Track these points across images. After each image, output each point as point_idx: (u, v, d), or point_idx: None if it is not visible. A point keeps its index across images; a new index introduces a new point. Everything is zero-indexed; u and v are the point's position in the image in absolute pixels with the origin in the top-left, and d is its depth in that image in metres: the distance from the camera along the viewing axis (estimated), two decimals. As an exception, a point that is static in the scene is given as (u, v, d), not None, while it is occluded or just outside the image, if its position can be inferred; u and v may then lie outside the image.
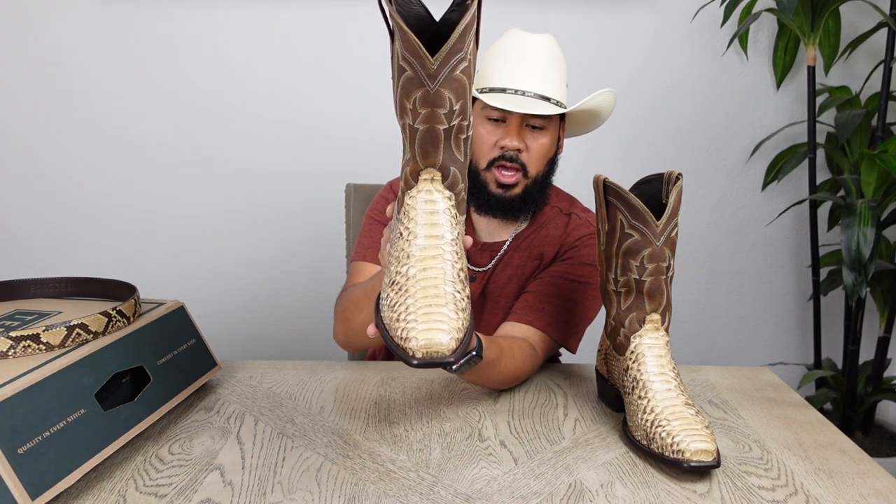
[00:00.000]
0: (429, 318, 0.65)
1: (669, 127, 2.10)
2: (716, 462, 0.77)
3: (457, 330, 0.66)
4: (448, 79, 0.66)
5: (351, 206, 1.49)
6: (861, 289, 1.63)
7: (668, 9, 2.02)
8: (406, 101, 0.67)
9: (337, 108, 2.06)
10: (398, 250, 0.70)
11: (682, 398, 0.83)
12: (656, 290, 0.86)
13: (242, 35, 2.02)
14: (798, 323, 2.23)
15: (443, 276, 0.68)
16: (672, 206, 0.84)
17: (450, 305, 0.66)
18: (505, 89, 1.08)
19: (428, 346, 0.64)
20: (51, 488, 0.68)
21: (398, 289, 0.68)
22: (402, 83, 0.67)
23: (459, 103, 0.68)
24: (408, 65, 0.65)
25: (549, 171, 1.16)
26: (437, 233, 0.69)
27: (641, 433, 0.82)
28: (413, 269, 0.68)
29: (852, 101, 1.95)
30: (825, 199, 1.91)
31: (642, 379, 0.84)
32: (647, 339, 0.86)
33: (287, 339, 2.20)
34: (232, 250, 2.15)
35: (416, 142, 0.69)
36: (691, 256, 2.18)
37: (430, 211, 0.69)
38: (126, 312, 0.90)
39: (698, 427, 0.79)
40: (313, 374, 1.10)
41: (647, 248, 0.85)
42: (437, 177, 0.70)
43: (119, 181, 2.10)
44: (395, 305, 0.68)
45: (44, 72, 2.03)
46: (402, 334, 0.66)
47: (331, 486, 0.77)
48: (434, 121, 0.67)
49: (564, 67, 1.12)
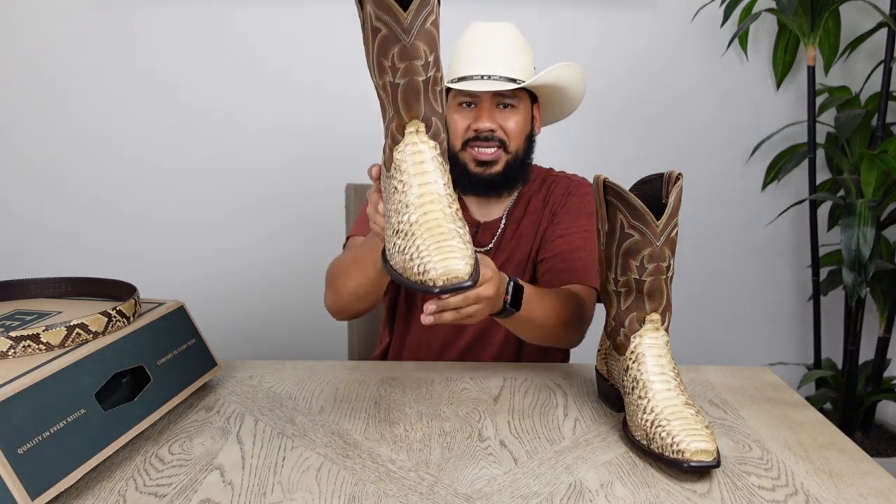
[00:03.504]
0: (440, 250, 0.69)
1: (669, 127, 2.10)
2: (716, 462, 0.77)
3: (469, 256, 0.70)
4: (421, 31, 0.70)
5: (351, 206, 1.49)
6: (861, 289, 1.62)
7: (668, 9, 2.02)
8: (384, 59, 0.71)
9: (337, 109, 2.06)
10: (395, 203, 0.74)
11: (682, 398, 0.83)
12: (656, 290, 0.86)
13: (242, 35, 2.02)
14: (798, 323, 2.23)
15: (443, 217, 0.71)
16: (672, 205, 0.83)
17: (456, 239, 0.70)
18: (472, 76, 1.13)
19: (446, 272, 0.68)
20: (51, 488, 0.68)
21: (404, 235, 0.72)
22: (378, 42, 0.70)
23: (433, 55, 0.72)
24: (382, 24, 0.69)
25: (529, 148, 1.21)
26: (430, 180, 0.73)
27: (641, 433, 0.82)
28: (414, 215, 0.72)
29: (852, 101, 1.95)
30: (825, 199, 1.91)
31: (642, 379, 0.84)
32: (648, 338, 0.86)
33: (287, 339, 2.20)
34: (232, 250, 2.15)
35: (399, 96, 0.72)
36: (691, 256, 2.18)
37: (419, 161, 0.73)
38: (126, 312, 0.90)
39: (698, 427, 0.79)
40: (313, 374, 1.10)
41: (648, 248, 0.84)
42: (421, 128, 0.73)
43: (119, 181, 2.10)
44: (404, 249, 0.72)
45: (44, 73, 2.03)
46: (420, 269, 0.69)
47: (331, 486, 0.77)
48: (413, 73, 0.71)
49: (530, 52, 1.18)
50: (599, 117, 2.09)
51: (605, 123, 2.09)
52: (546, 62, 1.98)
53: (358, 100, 2.05)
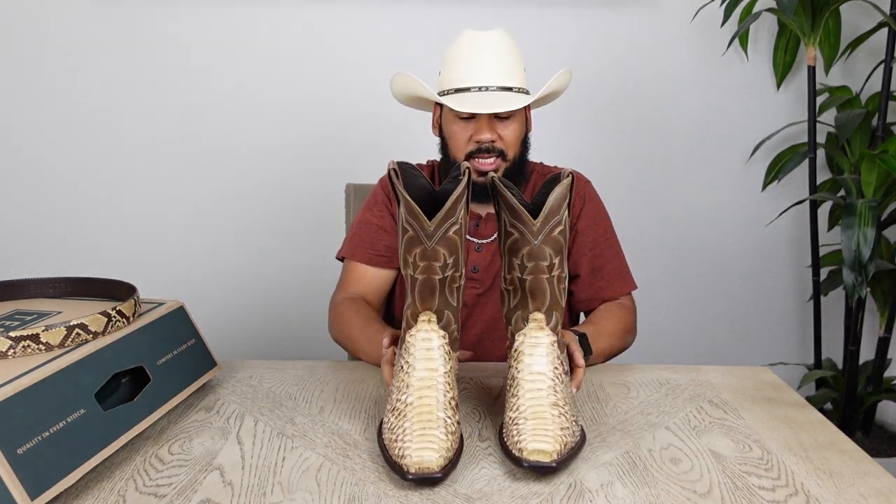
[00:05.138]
0: (423, 438, 0.76)
1: (669, 127, 2.10)
2: (554, 464, 0.76)
3: (446, 450, 0.76)
4: (443, 238, 0.80)
5: (351, 206, 1.49)
6: (861, 289, 1.62)
7: (668, 9, 2.02)
8: (408, 255, 0.82)
9: (337, 109, 2.06)
10: (399, 381, 0.82)
11: (551, 398, 0.81)
12: (538, 289, 0.85)
13: (243, 35, 2.02)
14: (798, 323, 2.23)
15: (436, 405, 0.79)
16: (551, 205, 0.83)
17: (440, 429, 0.77)
18: (469, 88, 1.15)
19: (420, 462, 0.74)
20: (51, 488, 0.68)
21: (398, 414, 0.80)
22: (405, 241, 0.82)
23: (452, 258, 0.82)
24: (410, 226, 0.81)
25: (524, 150, 1.25)
26: (433, 366, 0.81)
27: (505, 430, 0.82)
28: (411, 397, 0.80)
29: (852, 100, 1.95)
30: (825, 199, 1.91)
31: (517, 377, 0.83)
32: (530, 338, 0.85)
33: (287, 339, 2.20)
34: (232, 250, 2.15)
35: (416, 289, 0.82)
36: (691, 257, 2.18)
37: (427, 348, 0.81)
38: (126, 312, 0.90)
39: (550, 429, 0.78)
40: (313, 374, 1.10)
41: (526, 247, 0.84)
42: (433, 318, 0.82)
43: (119, 181, 2.10)
44: (394, 428, 0.79)
45: (43, 72, 2.03)
46: (399, 452, 0.76)
47: (331, 486, 0.77)
48: (431, 272, 0.81)
49: (520, 55, 1.20)
50: (599, 117, 2.09)
51: (604, 123, 2.09)
52: (546, 62, 2.00)
53: (359, 100, 2.05)
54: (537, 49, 2.01)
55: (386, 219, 1.27)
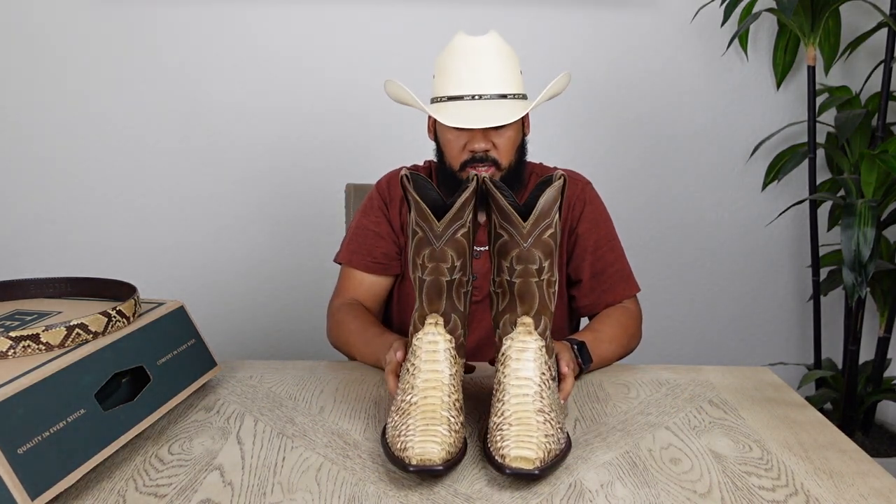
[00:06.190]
0: (425, 433, 0.76)
1: (669, 127, 2.10)
2: (536, 471, 0.74)
3: (449, 444, 0.76)
4: (451, 239, 0.82)
5: (351, 206, 1.49)
6: (861, 289, 1.62)
7: (668, 9, 2.02)
8: (417, 257, 0.83)
9: (337, 109, 2.06)
10: (405, 383, 0.83)
11: (536, 405, 0.80)
12: (526, 293, 0.84)
13: (243, 36, 2.02)
14: (798, 323, 2.23)
15: (440, 404, 0.79)
16: (541, 207, 0.82)
17: (444, 426, 0.77)
18: (462, 96, 1.10)
19: (422, 453, 0.74)
20: (51, 488, 0.68)
21: (402, 413, 0.80)
22: (414, 243, 0.83)
23: (460, 261, 0.83)
24: (419, 228, 0.82)
25: (521, 155, 1.22)
26: (438, 368, 0.81)
27: (489, 435, 0.81)
28: (416, 397, 0.80)
29: (852, 100, 1.95)
30: (825, 199, 1.91)
31: (503, 382, 0.82)
32: (518, 342, 0.84)
33: (287, 339, 2.20)
34: (232, 250, 2.15)
35: (424, 290, 0.83)
36: (691, 256, 2.18)
37: (433, 350, 0.82)
38: (126, 312, 0.90)
39: (534, 435, 0.77)
40: (313, 374, 1.10)
41: (515, 249, 0.83)
42: (439, 321, 0.83)
43: (119, 181, 2.10)
44: (397, 426, 0.79)
45: (43, 72, 2.03)
46: (402, 446, 0.76)
47: (331, 486, 0.77)
48: (438, 273, 0.82)
49: (515, 59, 1.15)
50: (599, 117, 2.09)
51: (605, 123, 2.09)
52: (545, 62, 2.00)
53: (359, 100, 2.05)
54: (537, 49, 2.01)
55: (382, 224, 1.26)
